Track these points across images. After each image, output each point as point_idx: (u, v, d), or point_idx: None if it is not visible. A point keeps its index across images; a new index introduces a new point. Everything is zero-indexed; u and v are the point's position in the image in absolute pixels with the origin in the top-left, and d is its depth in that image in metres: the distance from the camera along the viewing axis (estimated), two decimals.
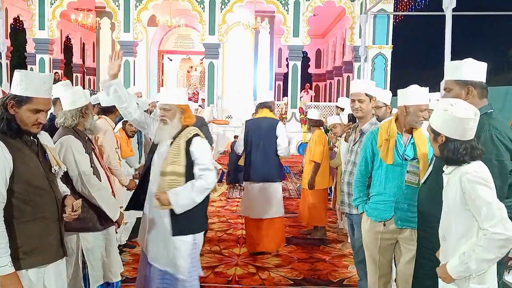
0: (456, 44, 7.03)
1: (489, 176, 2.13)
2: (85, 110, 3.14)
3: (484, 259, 2.07)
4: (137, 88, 8.79)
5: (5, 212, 2.14)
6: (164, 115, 3.11)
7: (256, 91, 16.25)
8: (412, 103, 2.93)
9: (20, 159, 2.19)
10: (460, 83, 2.53)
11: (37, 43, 13.96)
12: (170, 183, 3.04)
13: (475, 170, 2.13)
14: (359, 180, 3.19)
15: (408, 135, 2.98)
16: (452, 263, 2.16)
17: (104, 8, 14.17)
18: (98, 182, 3.04)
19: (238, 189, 8.57)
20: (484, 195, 2.08)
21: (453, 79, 2.56)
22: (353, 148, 3.50)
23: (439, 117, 2.23)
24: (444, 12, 5.90)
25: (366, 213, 3.11)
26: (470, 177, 2.12)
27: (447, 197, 2.23)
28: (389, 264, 3.13)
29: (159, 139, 3.18)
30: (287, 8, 13.79)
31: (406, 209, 2.92)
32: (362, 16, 11.85)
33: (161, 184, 3.07)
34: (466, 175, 2.13)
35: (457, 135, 2.17)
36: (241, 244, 5.45)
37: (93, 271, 3.08)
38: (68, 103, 3.13)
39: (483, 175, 2.12)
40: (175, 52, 17.68)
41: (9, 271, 2.10)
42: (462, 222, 2.16)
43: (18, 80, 2.21)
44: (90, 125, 3.20)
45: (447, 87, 2.59)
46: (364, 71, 12.50)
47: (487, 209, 2.06)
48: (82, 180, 2.95)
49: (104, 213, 3.07)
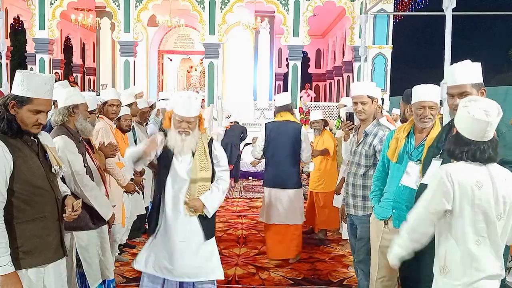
0: (456, 44, 7.03)
1: (461, 180, 2.06)
2: (73, 109, 3.17)
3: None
4: (138, 88, 8.75)
5: (5, 211, 2.15)
6: (187, 127, 3.15)
7: (256, 91, 16.24)
8: (413, 101, 2.92)
9: (20, 159, 2.20)
10: (476, 85, 2.50)
11: (37, 43, 13.94)
12: (200, 189, 3.21)
13: (447, 169, 2.10)
14: (376, 176, 3.24)
15: (423, 135, 2.92)
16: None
17: (104, 8, 14.16)
18: (90, 182, 3.07)
19: (238, 189, 8.57)
20: (425, 193, 2.18)
21: (470, 83, 2.50)
22: (357, 150, 3.51)
23: (458, 111, 2.18)
24: (444, 12, 5.89)
25: (374, 209, 3.16)
26: (438, 174, 2.15)
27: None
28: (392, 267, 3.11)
29: (181, 150, 3.19)
30: (287, 8, 13.77)
31: (404, 210, 2.91)
32: (362, 16, 11.81)
33: (193, 191, 3.20)
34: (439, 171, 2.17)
35: (467, 133, 2.10)
36: (241, 244, 5.45)
37: (90, 270, 3.09)
38: (60, 101, 3.19)
39: (447, 178, 2.07)
40: (175, 52, 17.66)
41: (9, 270, 2.10)
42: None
43: (19, 81, 2.22)
44: (81, 125, 3.24)
45: (465, 91, 2.48)
46: (364, 71, 12.46)
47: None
48: (75, 179, 2.98)
49: (96, 212, 3.10)
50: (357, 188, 3.48)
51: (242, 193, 8.47)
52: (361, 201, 3.46)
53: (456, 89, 2.53)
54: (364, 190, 3.44)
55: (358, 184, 3.47)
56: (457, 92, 2.51)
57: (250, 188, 9.28)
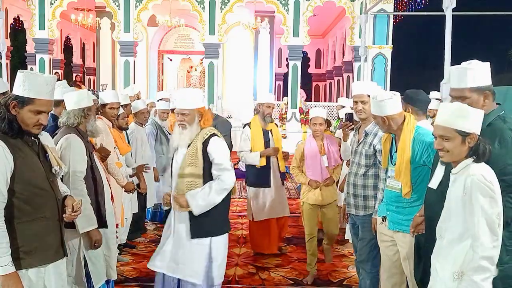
0: (456, 44, 7.03)
1: (494, 181, 2.06)
2: (87, 111, 3.21)
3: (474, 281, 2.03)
4: (137, 88, 8.72)
5: (5, 211, 2.15)
6: (182, 120, 3.10)
7: (256, 91, 16.25)
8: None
9: (21, 159, 2.20)
10: (477, 90, 2.36)
11: (37, 43, 13.95)
12: (189, 185, 3.07)
13: (482, 173, 2.06)
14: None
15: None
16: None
17: (104, 8, 14.17)
18: (83, 188, 2.99)
19: (238, 189, 8.57)
20: (484, 206, 2.02)
21: (469, 87, 2.37)
22: (357, 150, 3.51)
23: (468, 115, 2.10)
24: (444, 12, 5.90)
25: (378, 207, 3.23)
26: (476, 180, 2.05)
27: (449, 195, 2.19)
28: (394, 265, 3.12)
29: (178, 143, 3.17)
30: (287, 8, 13.78)
31: (395, 212, 3.00)
32: (362, 16, 11.83)
33: (180, 186, 3.10)
34: (472, 177, 2.06)
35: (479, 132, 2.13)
36: (241, 244, 5.45)
37: (95, 269, 3.10)
38: (72, 103, 3.19)
39: (489, 181, 2.04)
40: (175, 52, 17.66)
41: (9, 270, 2.11)
42: (460, 223, 2.12)
43: (21, 81, 2.22)
44: (92, 127, 3.25)
45: (462, 95, 2.39)
46: (364, 71, 12.49)
47: (480, 222, 2.02)
48: (69, 178, 2.94)
49: (98, 213, 3.08)
50: (358, 188, 3.48)
51: (242, 193, 8.46)
52: (362, 200, 3.47)
53: (454, 92, 2.47)
54: (365, 189, 3.45)
55: (359, 184, 3.48)
56: (456, 95, 2.46)
57: None
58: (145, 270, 4.54)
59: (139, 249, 5.19)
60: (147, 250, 5.12)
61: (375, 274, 3.40)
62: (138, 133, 5.21)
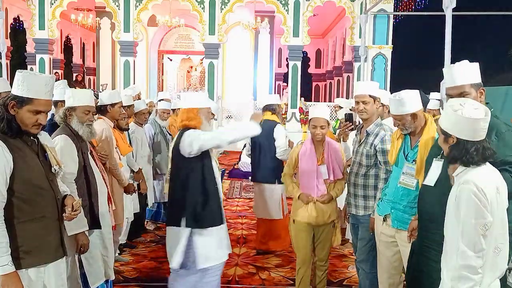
0: (456, 44, 7.03)
1: (488, 189, 2.03)
2: (69, 111, 3.17)
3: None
4: (137, 88, 8.71)
5: (5, 211, 2.15)
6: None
7: (256, 91, 16.25)
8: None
9: (20, 159, 2.20)
10: (475, 85, 2.52)
11: (37, 43, 13.94)
12: None
13: (475, 182, 2.04)
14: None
15: (418, 137, 2.95)
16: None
17: (104, 8, 14.16)
18: (73, 190, 2.91)
19: (238, 189, 8.57)
20: (468, 215, 2.02)
21: (469, 83, 2.51)
22: (358, 149, 3.51)
23: (449, 118, 2.14)
24: (444, 12, 5.90)
25: (377, 205, 3.21)
26: (465, 189, 2.04)
27: (449, 198, 2.19)
28: (392, 266, 3.13)
29: None
30: (287, 8, 13.78)
31: (402, 210, 2.98)
32: (362, 16, 11.83)
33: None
34: (463, 185, 2.06)
35: (468, 136, 2.09)
36: (241, 244, 5.45)
37: (92, 269, 3.09)
38: (67, 101, 3.21)
39: (480, 191, 2.02)
40: (175, 52, 17.66)
41: (9, 270, 2.11)
42: (455, 228, 2.11)
43: (19, 81, 2.22)
44: (76, 128, 3.19)
45: (464, 91, 2.50)
46: (364, 71, 12.48)
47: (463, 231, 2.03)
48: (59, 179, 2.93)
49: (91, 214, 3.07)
50: (358, 187, 3.48)
51: (242, 193, 8.46)
52: (362, 200, 3.47)
53: (455, 89, 2.54)
54: (365, 189, 3.45)
55: (359, 183, 3.48)
56: (456, 93, 2.52)
57: (250, 188, 9.25)
58: (145, 270, 4.54)
59: (139, 249, 5.18)
60: (147, 250, 5.12)
61: (375, 274, 3.39)
62: (138, 133, 5.22)
